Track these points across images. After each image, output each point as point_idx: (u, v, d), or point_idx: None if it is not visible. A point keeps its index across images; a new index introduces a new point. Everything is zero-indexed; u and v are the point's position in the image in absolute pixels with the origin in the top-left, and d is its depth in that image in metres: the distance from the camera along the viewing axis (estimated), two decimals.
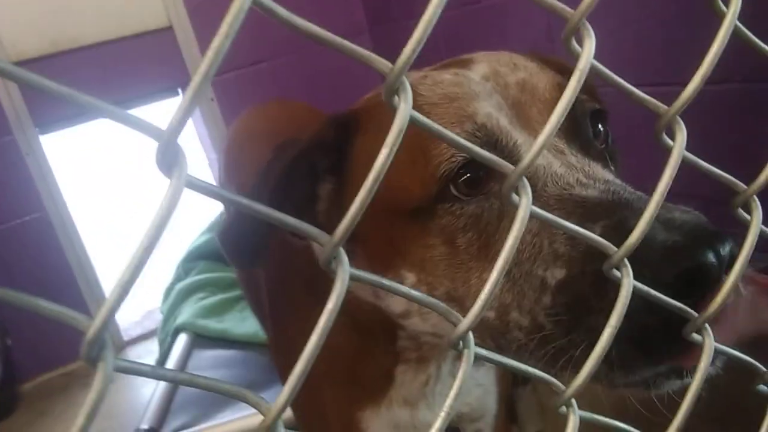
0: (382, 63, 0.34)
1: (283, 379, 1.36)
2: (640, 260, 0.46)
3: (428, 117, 0.71)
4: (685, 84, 0.44)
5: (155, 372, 0.34)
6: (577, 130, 0.73)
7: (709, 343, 0.49)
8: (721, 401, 0.79)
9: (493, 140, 0.68)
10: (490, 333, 0.71)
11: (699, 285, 0.50)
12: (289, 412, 0.96)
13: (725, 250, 0.50)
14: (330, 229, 0.82)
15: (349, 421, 1.04)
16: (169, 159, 0.29)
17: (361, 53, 0.34)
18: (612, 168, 0.74)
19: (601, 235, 0.47)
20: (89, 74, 3.00)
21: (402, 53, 0.33)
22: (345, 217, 0.34)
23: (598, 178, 0.65)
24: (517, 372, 0.45)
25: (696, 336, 0.49)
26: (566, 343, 0.59)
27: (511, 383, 1.32)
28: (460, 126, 0.69)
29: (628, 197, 0.60)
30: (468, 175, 0.69)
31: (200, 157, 3.34)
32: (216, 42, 0.28)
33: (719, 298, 0.46)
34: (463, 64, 0.80)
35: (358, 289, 0.88)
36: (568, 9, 0.39)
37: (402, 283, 0.75)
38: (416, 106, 0.73)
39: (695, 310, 0.48)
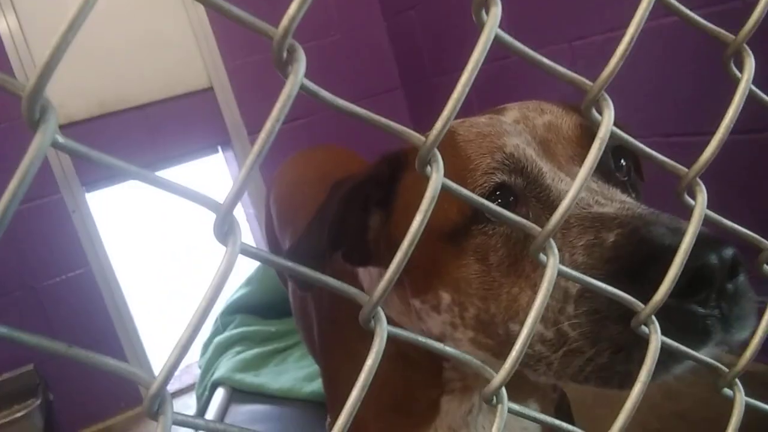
0: (415, 137, 0.37)
1: (331, 408, 1.36)
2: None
3: (464, 151, 0.77)
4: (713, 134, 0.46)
5: (208, 425, 0.37)
6: (600, 161, 0.77)
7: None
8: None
9: (519, 167, 0.75)
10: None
11: (704, 285, 0.54)
12: None
13: (728, 254, 0.53)
14: (378, 256, 0.85)
15: None
16: (225, 229, 0.33)
17: (396, 128, 0.37)
18: (633, 195, 0.78)
19: (614, 242, 0.56)
20: (135, 134, 3.13)
21: (433, 129, 0.36)
22: (383, 279, 0.37)
23: (615, 199, 0.69)
24: (548, 425, 0.46)
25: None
26: (593, 354, 0.62)
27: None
28: (491, 156, 0.76)
29: (641, 211, 0.65)
30: (499, 199, 0.75)
31: (239, 212, 3.42)
32: (268, 125, 0.32)
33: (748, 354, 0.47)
34: (497, 111, 0.88)
35: (401, 315, 0.94)
36: (587, 82, 0.42)
37: (439, 303, 0.82)
38: (454, 143, 0.78)
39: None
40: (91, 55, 2.99)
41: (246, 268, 2.99)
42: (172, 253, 5.71)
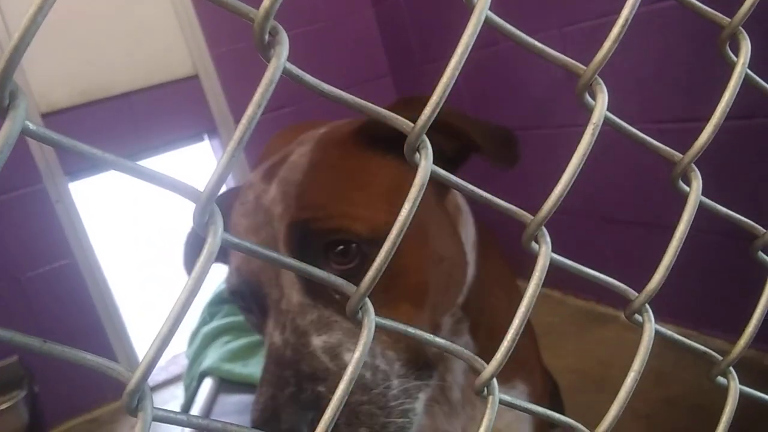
0: (403, 123, 0.36)
1: None
2: None
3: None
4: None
5: (190, 421, 0.35)
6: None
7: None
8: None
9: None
10: None
11: None
12: None
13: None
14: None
15: None
16: (206, 219, 0.31)
17: (383, 114, 0.36)
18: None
19: None
20: (119, 122, 3.09)
21: (422, 115, 0.35)
22: (370, 270, 0.36)
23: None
24: (541, 416, 0.45)
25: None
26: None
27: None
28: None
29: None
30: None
31: None
32: (249, 110, 0.30)
33: None
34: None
35: None
36: (580, 65, 0.41)
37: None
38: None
39: None
40: (74, 43, 2.95)
41: None
42: (157, 241, 5.67)
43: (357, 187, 0.76)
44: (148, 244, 5.64)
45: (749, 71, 0.46)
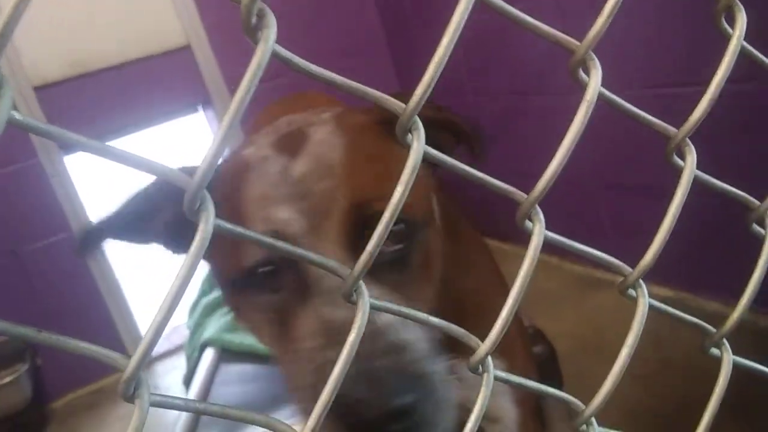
0: (395, 104, 0.36)
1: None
2: None
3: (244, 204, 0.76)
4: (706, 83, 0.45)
5: (188, 405, 0.36)
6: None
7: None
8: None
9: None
10: None
11: None
12: None
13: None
14: None
15: None
16: (197, 206, 0.31)
17: (374, 95, 0.36)
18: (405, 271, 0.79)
19: None
20: (111, 95, 3.06)
21: (414, 95, 0.34)
22: (364, 252, 0.36)
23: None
24: (534, 391, 0.46)
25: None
26: None
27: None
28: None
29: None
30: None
31: None
32: (238, 96, 0.30)
33: None
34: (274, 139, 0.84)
35: None
36: (573, 41, 0.40)
37: None
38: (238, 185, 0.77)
39: None
40: (64, 15, 2.91)
41: None
42: None
43: (395, 175, 0.76)
44: None
45: (745, 43, 0.46)
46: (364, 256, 0.35)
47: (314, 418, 0.34)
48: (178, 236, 0.89)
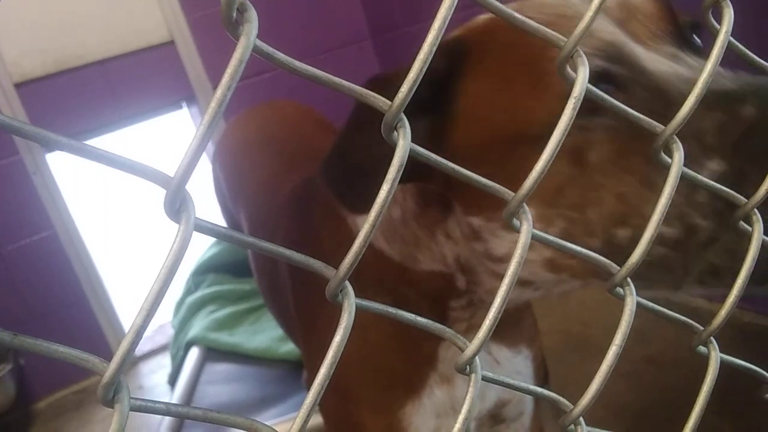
0: (380, 100, 0.35)
1: (309, 369, 1.24)
2: None
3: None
4: None
5: (170, 409, 0.35)
6: (685, 37, 0.70)
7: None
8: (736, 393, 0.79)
9: (618, 55, 0.63)
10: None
11: None
12: (317, 420, 0.92)
13: None
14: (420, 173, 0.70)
15: (389, 424, 0.95)
16: (177, 206, 0.30)
17: (358, 91, 0.35)
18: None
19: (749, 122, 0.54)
20: (94, 91, 3.02)
21: (399, 93, 0.34)
22: (350, 251, 0.35)
23: (723, 74, 0.61)
24: (522, 391, 0.45)
25: None
26: (730, 239, 0.57)
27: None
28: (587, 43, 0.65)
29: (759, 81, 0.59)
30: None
31: (206, 165, 3.35)
32: (218, 93, 0.29)
33: None
34: None
35: (404, 243, 0.86)
36: (561, 37, 0.39)
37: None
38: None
39: None
40: (44, 10, 2.87)
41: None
42: (139, 209, 5.61)
43: None
44: (129, 212, 5.58)
45: (732, 39, 0.46)
46: (349, 257, 0.35)
47: None
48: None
